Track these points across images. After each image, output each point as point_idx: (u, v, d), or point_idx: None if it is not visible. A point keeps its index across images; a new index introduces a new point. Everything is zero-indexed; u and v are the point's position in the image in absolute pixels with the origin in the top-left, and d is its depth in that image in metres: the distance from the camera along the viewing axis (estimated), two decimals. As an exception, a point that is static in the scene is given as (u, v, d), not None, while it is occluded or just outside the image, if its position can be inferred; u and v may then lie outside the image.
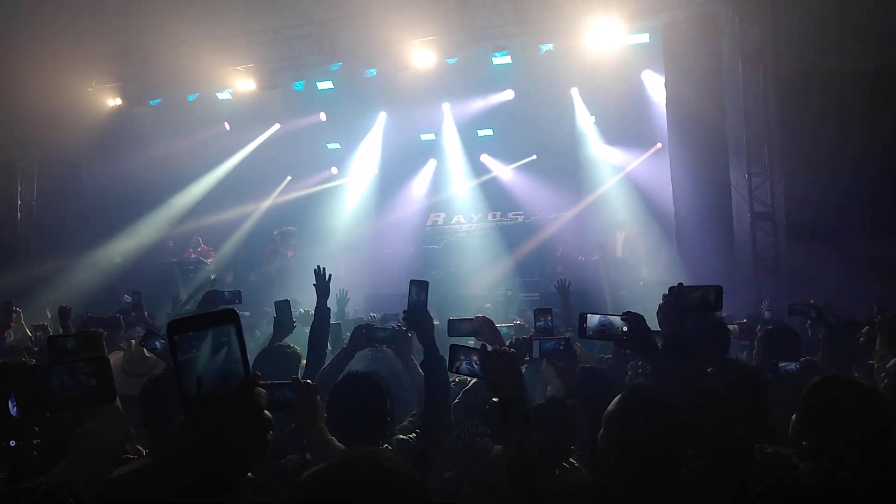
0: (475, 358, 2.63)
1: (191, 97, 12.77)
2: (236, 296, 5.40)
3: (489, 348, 2.50)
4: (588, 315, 2.87)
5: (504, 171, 14.82)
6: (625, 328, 2.82)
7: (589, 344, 4.97)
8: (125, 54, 12.38)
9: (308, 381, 2.53)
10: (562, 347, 3.38)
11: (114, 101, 12.99)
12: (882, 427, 2.18)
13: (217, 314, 1.08)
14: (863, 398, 2.25)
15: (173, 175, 13.67)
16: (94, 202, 12.82)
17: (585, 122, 13.40)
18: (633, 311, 2.88)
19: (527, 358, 3.60)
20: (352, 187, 15.29)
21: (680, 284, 2.87)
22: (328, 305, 4.33)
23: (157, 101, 12.99)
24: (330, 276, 4.43)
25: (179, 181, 13.85)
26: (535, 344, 3.61)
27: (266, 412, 1.08)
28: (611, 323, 2.84)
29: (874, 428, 2.16)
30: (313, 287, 4.33)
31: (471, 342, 3.99)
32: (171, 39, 11.66)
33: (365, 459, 1.37)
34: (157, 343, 4.15)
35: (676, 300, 2.81)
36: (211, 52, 11.79)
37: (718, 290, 2.77)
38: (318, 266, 4.44)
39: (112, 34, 11.64)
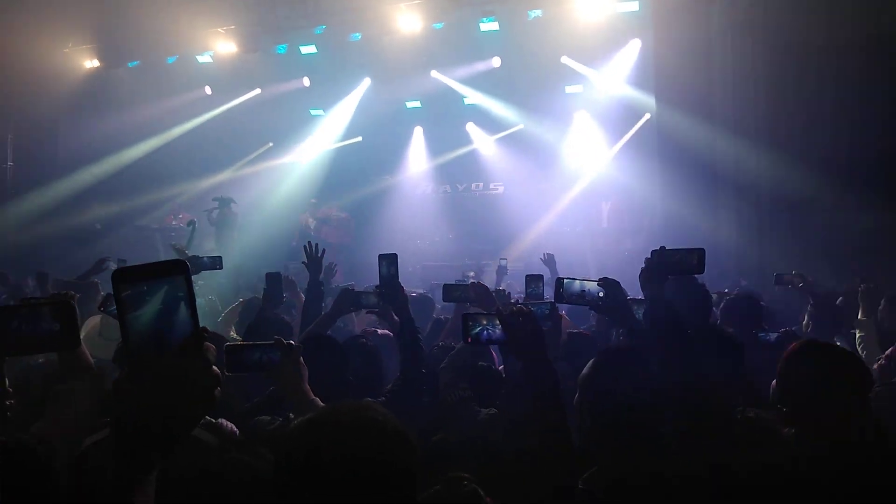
0: (492, 322, 2.46)
1: (170, 59, 12.48)
2: (217, 261, 5.33)
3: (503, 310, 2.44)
4: (565, 280, 2.86)
5: (489, 141, 14.71)
6: (601, 293, 2.80)
7: (578, 317, 5.01)
8: (102, 14, 11.99)
9: (291, 342, 2.48)
10: (548, 311, 3.38)
11: (91, 63, 12.65)
12: (860, 390, 2.19)
13: (165, 264, 1.02)
14: (840, 362, 2.25)
15: (153, 140, 13.40)
16: (71, 167, 12.54)
17: (575, 91, 13.31)
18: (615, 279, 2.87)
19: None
20: (335, 155, 15.14)
21: (662, 247, 2.87)
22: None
23: (135, 63, 12.68)
24: (324, 251, 4.44)
25: (159, 146, 13.56)
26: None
27: (214, 368, 1.02)
28: (587, 288, 2.83)
29: (852, 391, 2.17)
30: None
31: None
32: (150, -1, 11.34)
33: (351, 410, 1.39)
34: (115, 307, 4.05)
35: (658, 262, 2.80)
36: (191, 13, 11.45)
37: (701, 253, 2.79)
38: (309, 242, 4.46)
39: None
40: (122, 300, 0.99)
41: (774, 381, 2.31)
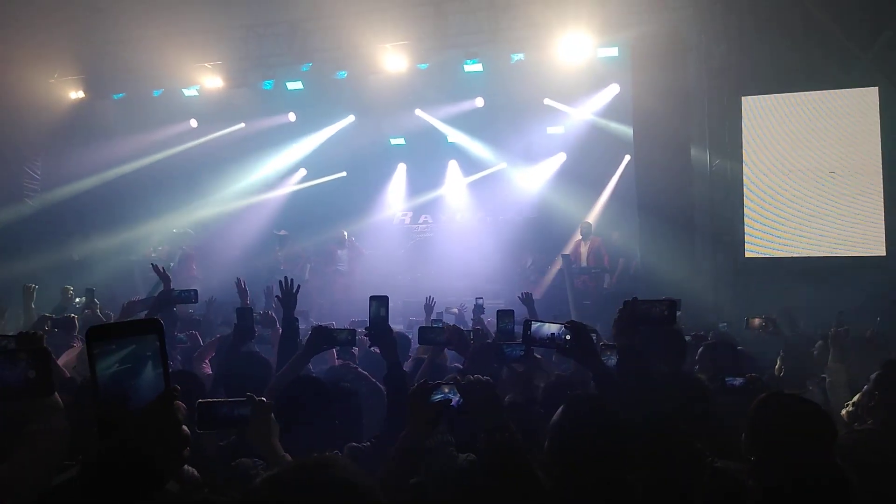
0: (453, 390, 2.50)
1: (156, 92, 12.52)
2: (192, 295, 5.28)
3: (463, 378, 2.48)
4: (532, 322, 2.89)
5: (470, 179, 14.90)
6: (567, 336, 2.82)
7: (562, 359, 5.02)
8: (89, 46, 12.09)
9: (262, 398, 2.48)
10: (521, 353, 3.38)
11: (76, 94, 12.67)
12: (824, 443, 2.23)
13: (140, 323, 1.05)
14: (805, 414, 2.30)
15: (138, 172, 13.38)
16: (53, 197, 12.45)
17: (556, 132, 13.56)
18: (589, 320, 2.92)
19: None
20: (318, 190, 15.23)
21: (634, 298, 2.90)
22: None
23: (120, 95, 12.71)
24: (298, 287, 4.40)
25: (146, 178, 13.54)
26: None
27: (184, 427, 1.05)
28: (554, 331, 2.86)
29: (816, 444, 2.21)
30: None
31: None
32: (137, 32, 11.45)
33: (317, 467, 1.34)
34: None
35: (630, 314, 2.84)
36: (178, 48, 11.57)
37: (672, 305, 2.82)
38: (285, 277, 4.43)
39: (77, 25, 11.37)
40: (94, 356, 1.01)
41: (744, 433, 2.35)
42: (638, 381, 2.63)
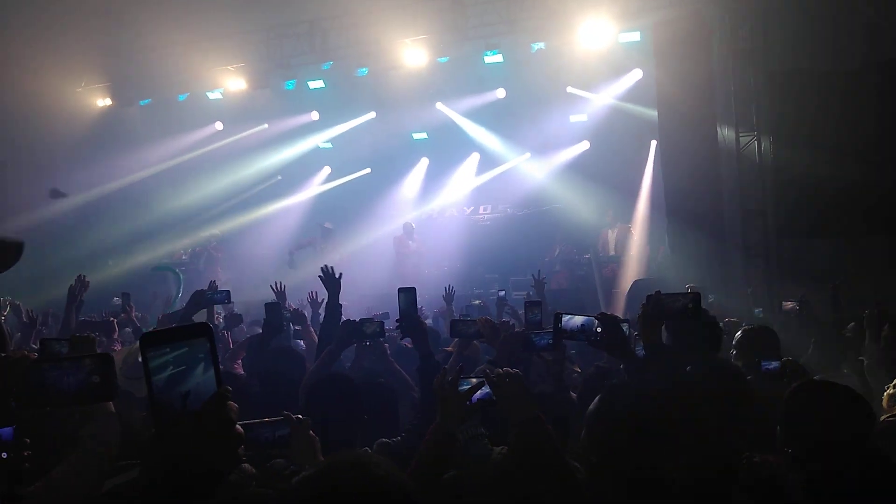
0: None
1: (181, 97, 12.72)
2: (225, 296, 5.38)
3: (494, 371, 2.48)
4: (563, 315, 2.88)
5: (497, 170, 14.85)
6: (598, 328, 2.80)
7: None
8: (114, 54, 12.31)
9: (299, 416, 2.49)
10: (550, 342, 3.37)
11: (103, 102, 12.91)
12: (862, 431, 2.19)
13: (190, 328, 1.08)
14: (842, 403, 2.24)
15: (165, 176, 13.60)
16: (83, 203, 12.71)
17: (579, 120, 13.45)
18: (621, 309, 2.90)
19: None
20: (343, 186, 15.33)
21: (658, 293, 2.87)
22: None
23: (147, 101, 12.92)
24: (340, 274, 4.49)
25: (172, 183, 13.75)
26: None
27: (238, 427, 1.08)
28: (585, 324, 2.85)
29: (854, 432, 2.17)
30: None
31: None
32: (161, 39, 11.60)
33: (352, 466, 1.36)
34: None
35: (654, 309, 2.81)
36: (201, 52, 11.73)
37: (696, 297, 2.79)
38: (325, 265, 4.51)
39: (101, 34, 11.55)
40: (148, 362, 1.05)
41: (778, 425, 2.32)
42: (667, 377, 2.61)
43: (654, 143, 12.33)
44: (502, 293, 7.55)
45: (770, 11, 9.72)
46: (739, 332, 4.56)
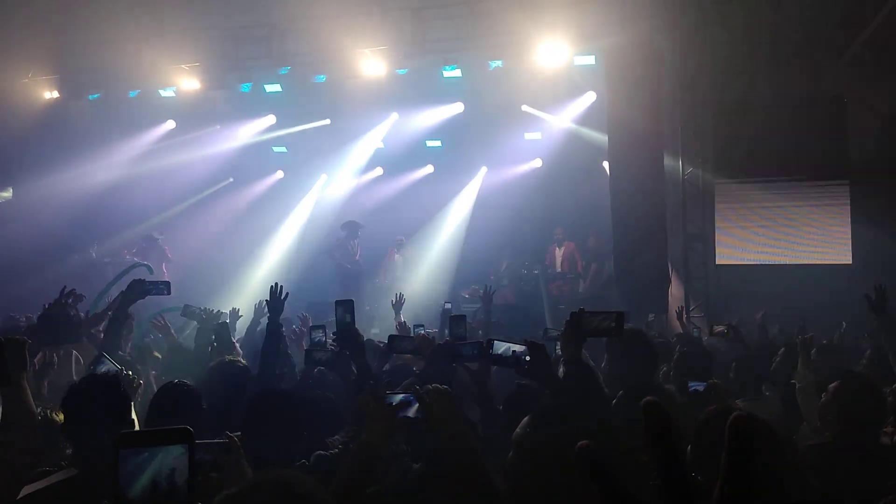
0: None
1: (132, 93, 12.43)
2: (164, 287, 4.98)
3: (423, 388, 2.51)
4: (494, 341, 2.93)
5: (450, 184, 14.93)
6: (527, 357, 2.84)
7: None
8: (64, 46, 11.95)
9: (233, 437, 2.38)
10: (476, 352, 3.40)
11: (50, 94, 12.53)
12: (767, 459, 2.26)
13: (171, 432, 1.05)
14: (751, 431, 2.29)
15: (115, 172, 13.23)
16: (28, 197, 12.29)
17: (534, 138, 13.65)
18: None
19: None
20: (296, 193, 15.20)
21: (581, 309, 2.93)
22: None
23: (96, 95, 12.60)
24: (287, 294, 4.40)
25: (122, 179, 13.38)
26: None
27: None
28: (515, 351, 2.88)
29: (763, 461, 2.23)
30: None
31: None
32: (114, 32, 11.35)
33: (275, 484, 1.37)
34: (103, 368, 3.90)
35: (577, 326, 2.88)
36: (154, 49, 11.50)
37: (619, 317, 2.85)
38: (275, 283, 4.44)
39: (52, 25, 11.24)
40: (120, 461, 1.01)
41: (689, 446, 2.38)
42: (585, 395, 2.67)
43: (605, 163, 12.59)
44: (448, 305, 7.61)
45: (718, 45, 10.08)
46: (676, 353, 4.71)
